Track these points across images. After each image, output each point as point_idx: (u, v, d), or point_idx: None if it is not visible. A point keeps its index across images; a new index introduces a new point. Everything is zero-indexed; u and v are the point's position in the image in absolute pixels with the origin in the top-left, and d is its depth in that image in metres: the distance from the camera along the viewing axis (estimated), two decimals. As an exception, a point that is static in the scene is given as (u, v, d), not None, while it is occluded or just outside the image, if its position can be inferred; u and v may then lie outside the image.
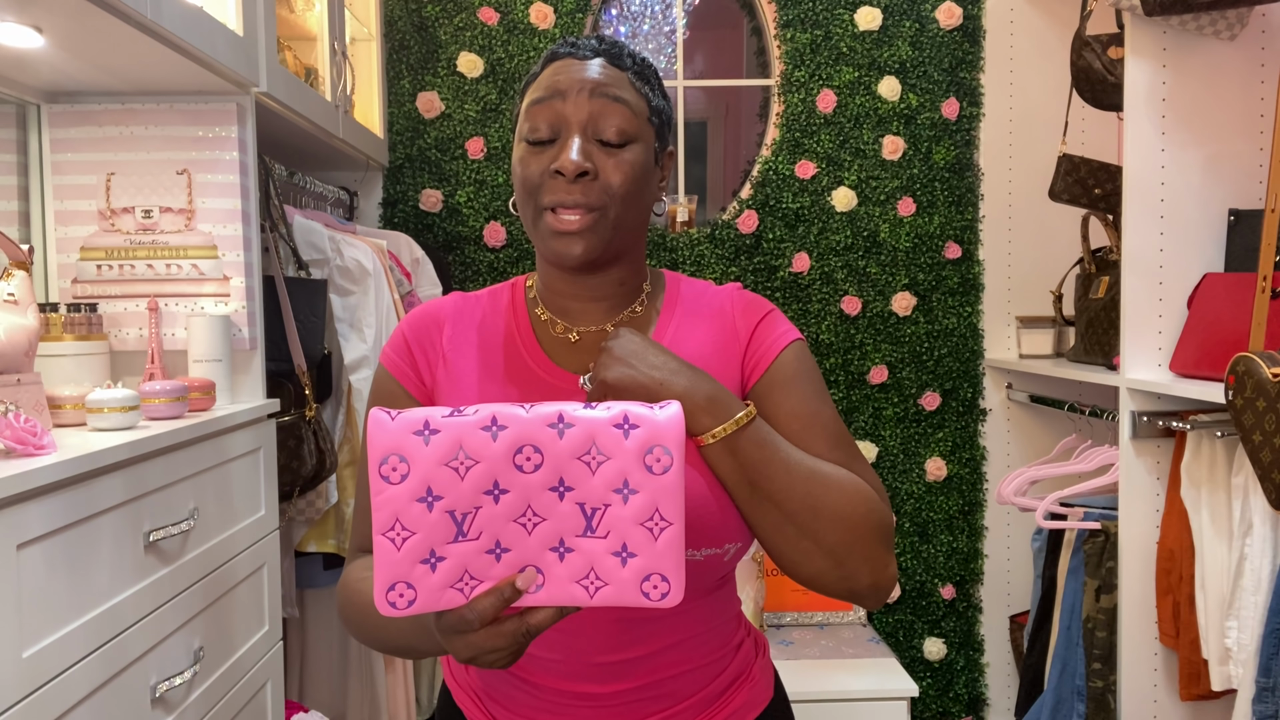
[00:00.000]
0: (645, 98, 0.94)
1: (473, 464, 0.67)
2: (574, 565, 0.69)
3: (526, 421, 0.68)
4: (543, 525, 0.68)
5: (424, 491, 0.67)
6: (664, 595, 0.69)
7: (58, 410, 1.28)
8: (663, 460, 0.68)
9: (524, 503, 0.68)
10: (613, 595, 0.69)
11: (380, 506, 0.67)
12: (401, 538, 0.67)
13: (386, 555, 0.67)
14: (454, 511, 0.67)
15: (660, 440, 0.68)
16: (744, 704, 0.99)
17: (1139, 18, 1.80)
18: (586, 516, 0.69)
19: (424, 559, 0.67)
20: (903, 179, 2.61)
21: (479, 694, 1.00)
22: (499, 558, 0.68)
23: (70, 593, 1.05)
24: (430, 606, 0.68)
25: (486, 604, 0.68)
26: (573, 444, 0.68)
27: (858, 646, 2.44)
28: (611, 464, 0.68)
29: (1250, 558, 1.60)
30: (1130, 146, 1.85)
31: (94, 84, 1.53)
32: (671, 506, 0.68)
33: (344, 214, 2.44)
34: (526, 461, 0.68)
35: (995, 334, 2.66)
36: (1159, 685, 1.89)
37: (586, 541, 0.69)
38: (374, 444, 0.67)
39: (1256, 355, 1.45)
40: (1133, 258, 1.85)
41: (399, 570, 0.67)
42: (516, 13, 2.56)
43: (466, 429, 0.67)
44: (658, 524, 0.68)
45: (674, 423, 0.69)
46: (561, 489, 0.68)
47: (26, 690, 0.96)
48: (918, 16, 2.59)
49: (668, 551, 0.69)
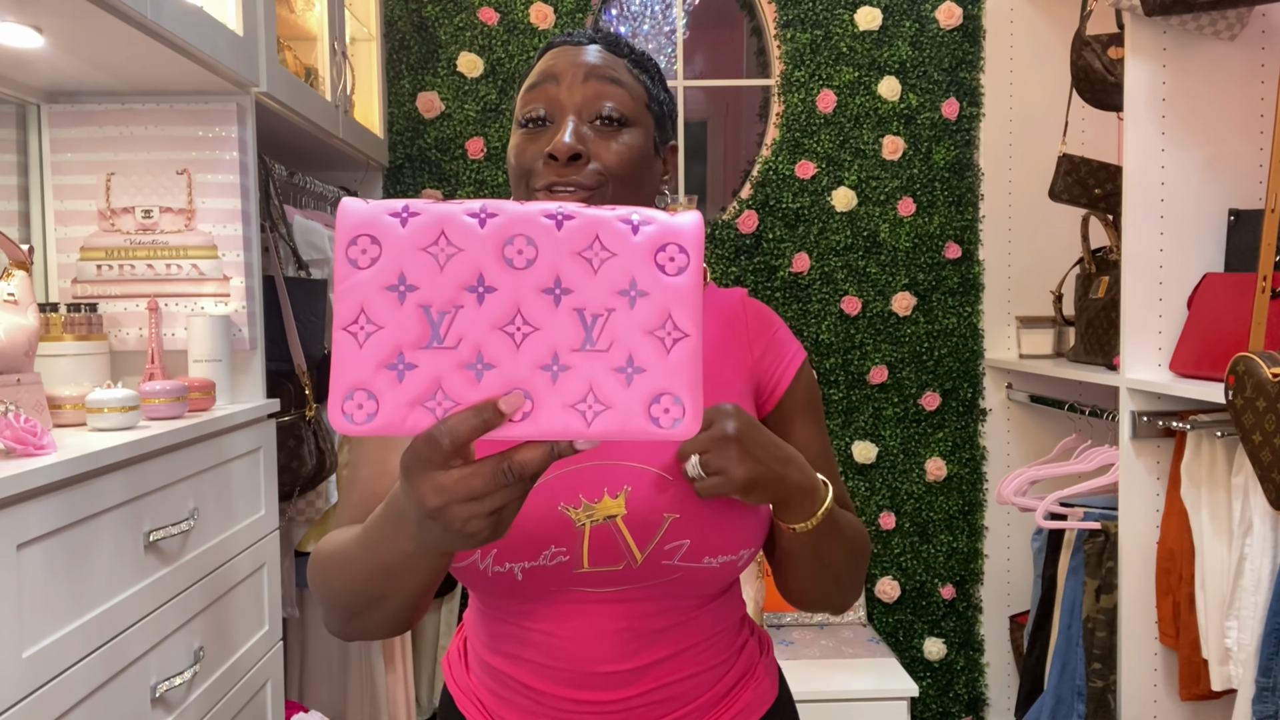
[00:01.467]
0: (643, 84, 0.92)
1: (455, 252, 0.57)
2: (569, 386, 0.58)
3: (521, 211, 0.59)
4: (534, 337, 0.58)
5: (396, 279, 0.57)
6: (676, 421, 0.58)
7: (58, 410, 1.28)
8: (678, 260, 0.59)
9: (513, 306, 0.58)
10: (614, 421, 0.58)
11: (343, 295, 0.57)
12: (365, 332, 0.57)
13: (346, 355, 0.57)
14: (429, 308, 0.57)
15: (674, 239, 0.59)
16: (749, 703, 0.98)
17: (1139, 18, 1.80)
18: (586, 325, 0.58)
19: (390, 364, 0.57)
20: (903, 179, 2.61)
21: (481, 699, 0.97)
22: (480, 375, 0.58)
23: (70, 593, 1.05)
24: (394, 426, 0.57)
25: (461, 424, 0.56)
26: (572, 237, 0.58)
27: (858, 646, 2.44)
28: (617, 262, 0.58)
29: (1250, 558, 1.60)
30: (1130, 146, 1.85)
31: (94, 84, 1.53)
32: (687, 314, 0.59)
33: (344, 214, 2.44)
34: (518, 255, 0.58)
35: (995, 334, 2.66)
36: (1159, 685, 1.89)
37: (585, 357, 0.58)
38: (342, 226, 0.58)
39: (1256, 355, 1.45)
40: (1133, 258, 1.85)
41: (360, 373, 0.57)
42: (516, 13, 2.56)
43: (450, 214, 0.58)
44: (670, 334, 0.58)
45: (692, 225, 0.60)
46: (558, 291, 0.58)
47: (26, 690, 0.96)
48: (918, 16, 2.59)
49: (681, 367, 0.58)
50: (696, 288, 0.59)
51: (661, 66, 2.92)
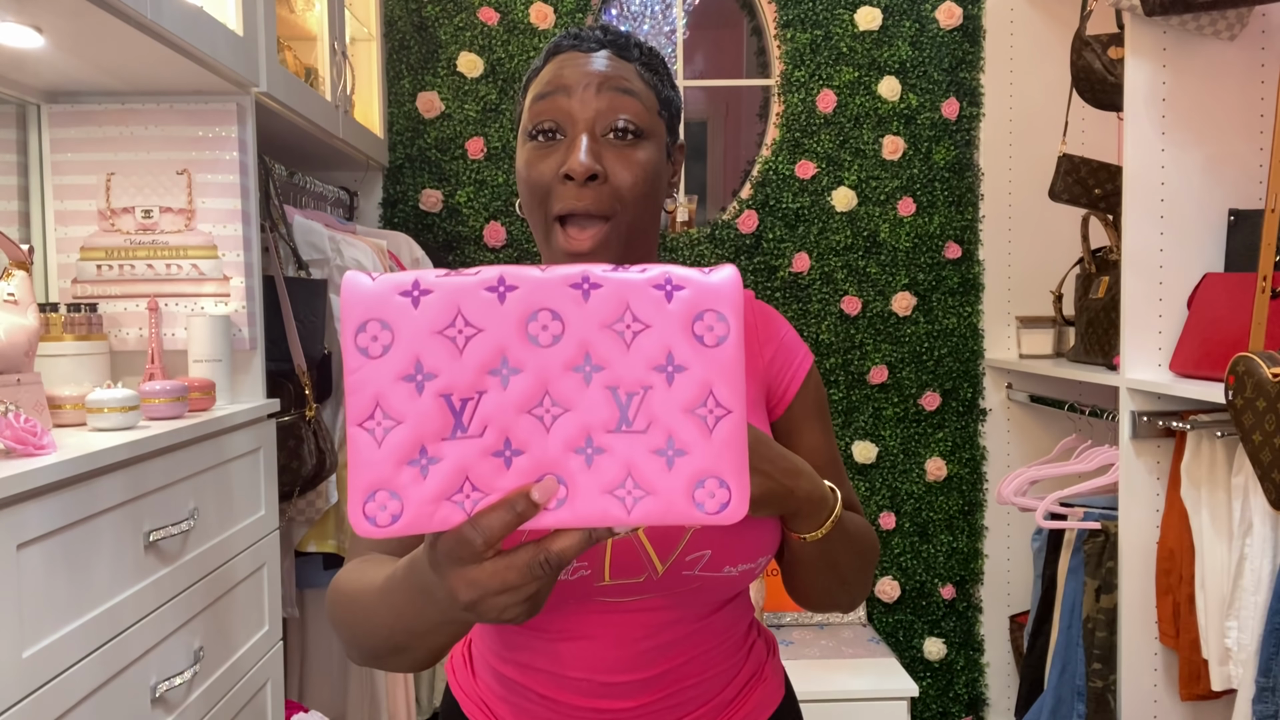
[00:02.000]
0: (654, 89, 0.90)
1: (475, 333, 0.53)
2: (606, 471, 0.54)
3: (542, 281, 0.54)
4: (565, 418, 0.54)
5: (412, 367, 0.53)
6: (724, 506, 0.54)
7: (58, 410, 1.28)
8: (716, 329, 0.54)
9: (540, 387, 0.54)
10: (657, 509, 0.54)
11: (356, 389, 0.53)
12: (383, 429, 0.53)
13: (364, 454, 0.53)
14: (450, 396, 0.53)
15: (712, 304, 0.54)
16: (757, 705, 0.98)
17: (1139, 18, 1.80)
18: (620, 405, 0.54)
19: (412, 459, 0.53)
20: (903, 179, 2.61)
21: (489, 704, 0.96)
22: (509, 462, 0.54)
23: (70, 593, 1.05)
24: (419, 525, 0.54)
25: (494, 519, 0.54)
26: (601, 308, 0.54)
27: (858, 646, 2.44)
28: (651, 334, 0.54)
29: (1250, 558, 1.60)
30: (1130, 146, 1.85)
31: (94, 84, 1.53)
32: (730, 388, 0.54)
33: (344, 214, 2.44)
34: (543, 331, 0.53)
35: (995, 334, 2.66)
36: (1159, 685, 1.89)
37: (621, 439, 0.54)
38: (349, 309, 0.53)
39: (1256, 355, 1.45)
40: (1133, 258, 1.85)
41: (380, 473, 0.53)
42: (516, 13, 2.56)
43: (467, 289, 0.53)
44: (713, 411, 0.54)
45: (729, 286, 0.55)
46: (588, 368, 0.54)
47: (26, 690, 0.96)
48: (918, 16, 2.59)
49: (726, 448, 0.54)
50: (739, 358, 0.55)
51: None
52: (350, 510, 0.54)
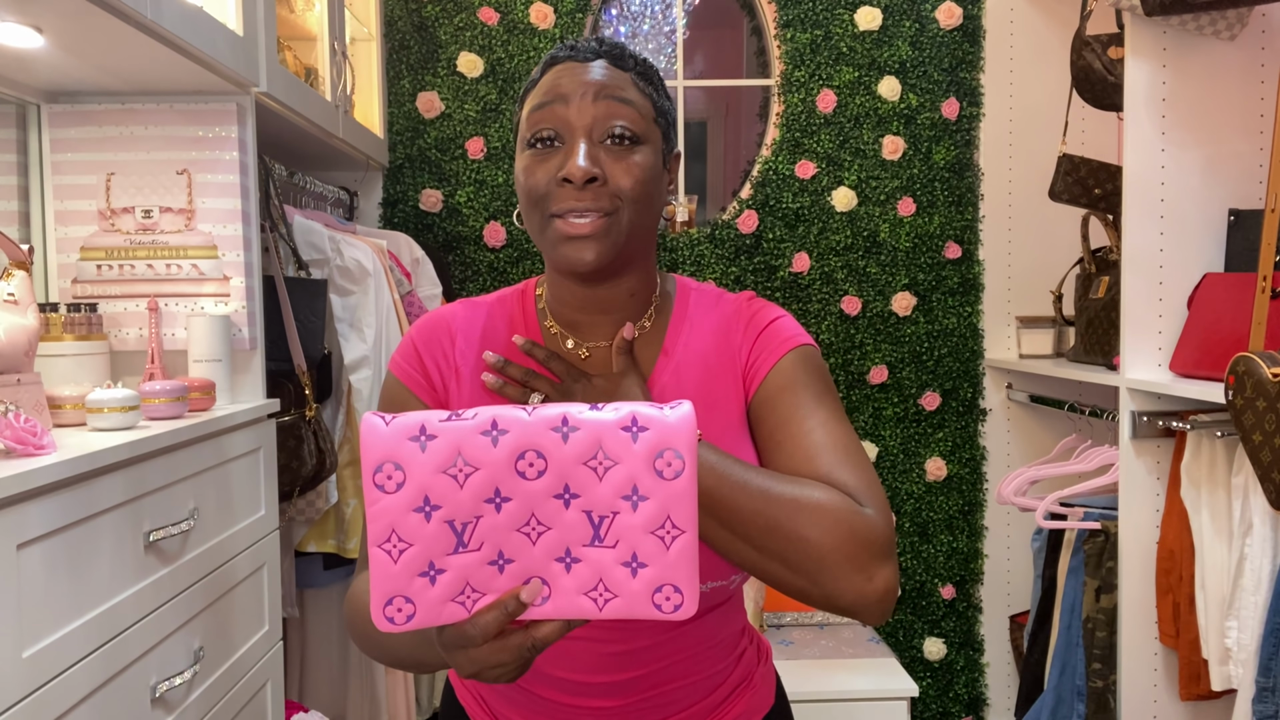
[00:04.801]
0: (650, 98, 0.91)
1: (472, 471, 0.63)
2: (581, 576, 0.65)
3: (528, 425, 0.64)
4: (548, 535, 0.65)
5: (421, 501, 0.63)
6: (677, 607, 0.65)
7: (58, 410, 1.28)
8: (674, 465, 0.64)
9: (527, 511, 0.64)
10: (623, 607, 0.65)
11: (376, 518, 0.63)
12: (398, 550, 0.64)
13: (383, 569, 0.64)
14: (453, 521, 0.64)
15: (670, 444, 0.64)
16: (744, 711, 0.99)
17: (1139, 18, 1.80)
18: (594, 525, 0.65)
19: (422, 572, 0.64)
20: (903, 179, 2.61)
21: (483, 696, 1.01)
22: (502, 569, 0.65)
23: (70, 593, 1.05)
24: (430, 621, 0.65)
25: (489, 619, 0.64)
26: (578, 449, 0.64)
27: (858, 646, 2.44)
28: (620, 469, 0.64)
29: (1250, 558, 1.60)
30: (1130, 146, 1.85)
31: (94, 84, 1.53)
32: (684, 513, 0.64)
33: (344, 214, 2.44)
34: (529, 468, 0.64)
35: (995, 334, 2.66)
36: (1159, 685, 1.89)
37: (594, 551, 0.65)
38: (368, 451, 0.63)
39: (1256, 355, 1.45)
40: (1133, 258, 1.85)
41: (396, 584, 0.64)
42: (516, 13, 2.56)
43: (465, 434, 0.63)
44: (669, 532, 0.65)
45: (685, 424, 0.64)
46: (567, 496, 0.64)
47: (26, 690, 0.96)
48: (918, 16, 2.59)
49: (680, 561, 0.65)
50: (691, 488, 0.64)
51: (661, 67, 2.93)
52: (373, 613, 0.64)
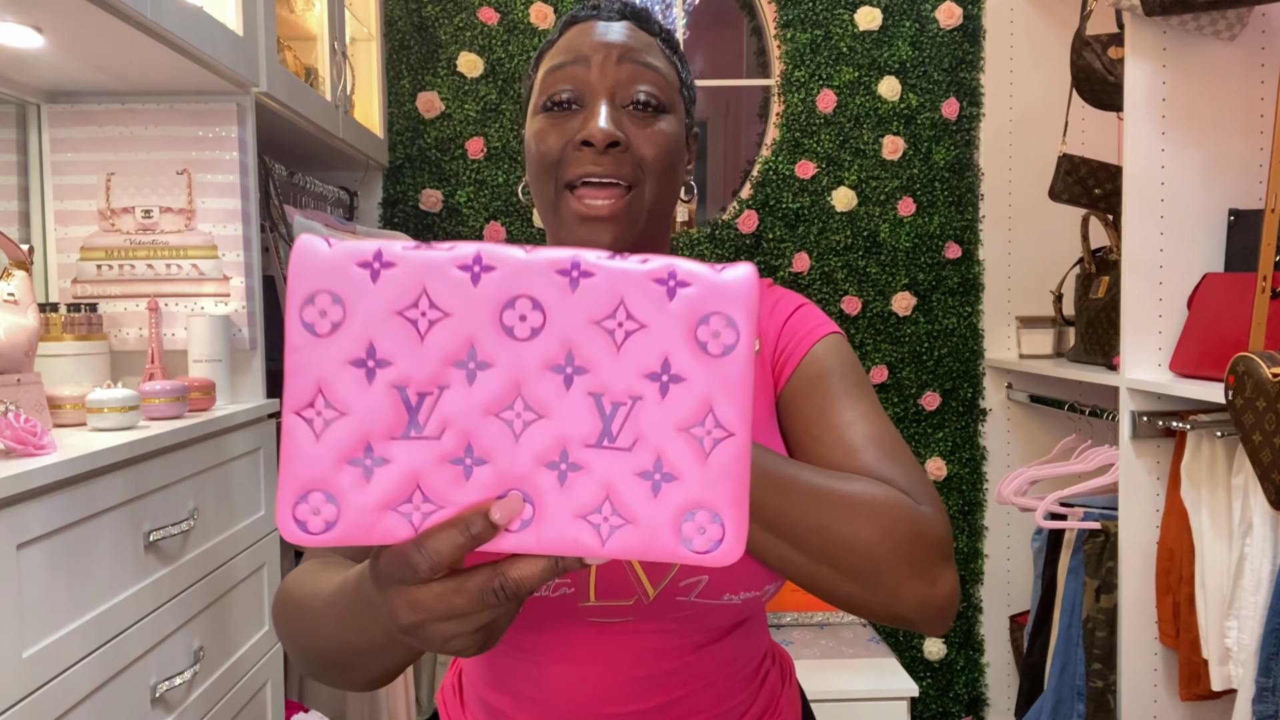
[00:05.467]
0: (675, 67, 0.84)
1: (440, 317, 0.46)
2: (581, 491, 0.47)
3: (524, 264, 0.46)
4: (538, 426, 0.46)
5: (364, 351, 0.45)
6: (715, 544, 0.46)
7: (58, 410, 1.28)
8: (724, 336, 0.46)
9: (512, 387, 0.46)
10: (637, 541, 0.47)
11: (297, 369, 0.45)
12: (324, 419, 0.45)
13: (300, 446, 0.45)
14: (406, 388, 0.46)
15: (721, 306, 0.46)
16: None
17: (1139, 18, 1.80)
18: (604, 416, 0.46)
19: (355, 458, 0.46)
20: (903, 179, 2.61)
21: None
22: (469, 472, 0.46)
23: (70, 593, 1.05)
24: (359, 535, 0.46)
25: (444, 541, 0.46)
26: (591, 301, 0.46)
27: (858, 646, 2.44)
28: (646, 336, 0.46)
29: (1250, 558, 1.60)
30: (1130, 146, 1.85)
31: (94, 84, 1.53)
32: (734, 407, 0.46)
33: (344, 214, 2.44)
34: (520, 322, 0.46)
35: (995, 334, 2.66)
36: (1159, 685, 1.89)
37: (602, 455, 0.46)
38: (298, 278, 0.45)
39: (1256, 355, 1.45)
40: (1133, 258, 1.85)
41: (317, 470, 0.45)
42: (516, 13, 2.56)
43: (436, 266, 0.46)
44: (710, 432, 0.46)
45: (744, 286, 0.46)
46: (569, 370, 0.46)
47: (26, 690, 0.96)
48: (918, 16, 2.59)
49: (725, 477, 0.46)
50: (747, 372, 0.46)
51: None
52: (278, 512, 0.46)
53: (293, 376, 0.45)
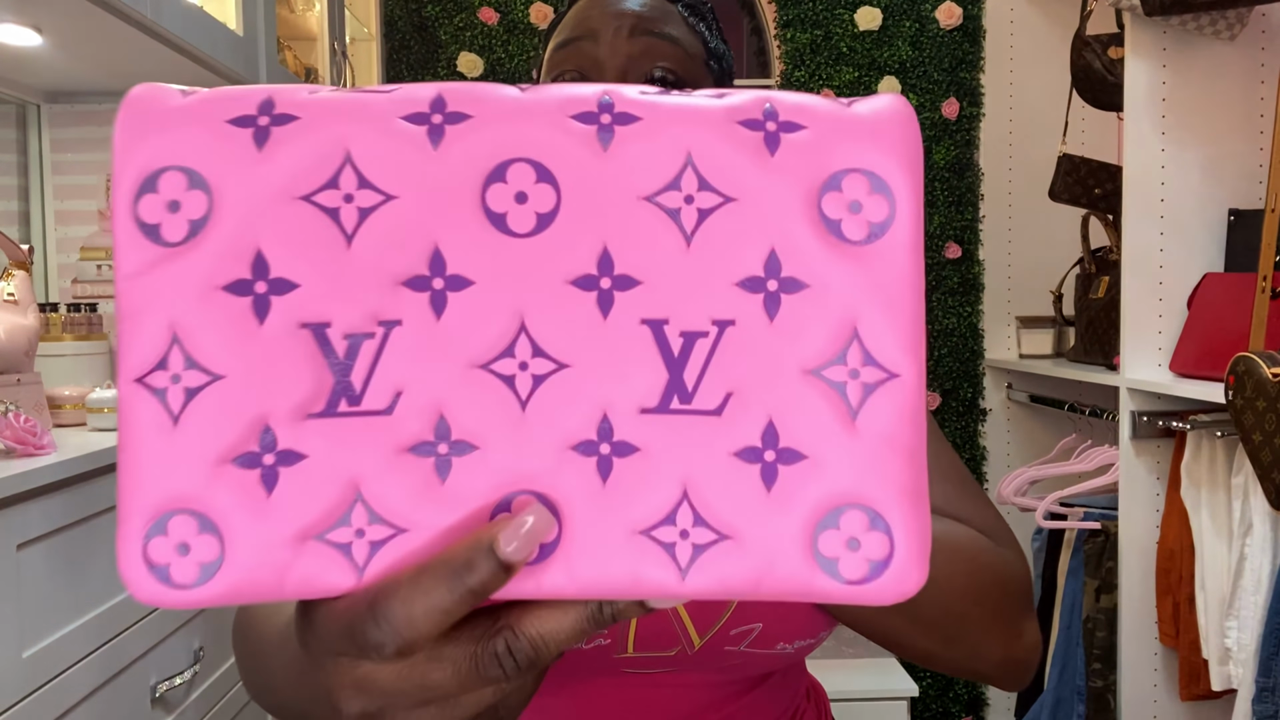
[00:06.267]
0: (700, 36, 0.73)
1: (378, 202, 0.28)
2: (638, 490, 0.28)
3: (520, 109, 0.30)
4: (558, 382, 0.28)
5: (246, 265, 0.28)
6: (880, 565, 0.28)
7: (58, 410, 1.28)
8: (870, 207, 0.28)
9: (510, 314, 0.28)
10: (740, 569, 0.28)
11: (135, 307, 0.28)
12: (185, 387, 0.27)
13: (146, 435, 0.27)
14: (326, 327, 0.28)
15: (861, 157, 0.29)
16: None
17: (1139, 18, 1.80)
18: (671, 356, 0.28)
19: (244, 451, 0.27)
20: (903, 179, 2.61)
21: None
22: (445, 466, 0.28)
23: (70, 593, 1.05)
24: (263, 586, 0.28)
25: (419, 602, 0.27)
26: (636, 164, 0.29)
27: (858, 646, 2.44)
28: (736, 215, 0.28)
29: (1250, 558, 1.60)
30: (1130, 146, 1.85)
31: (94, 84, 1.53)
32: (895, 328, 0.28)
33: (344, 214, 2.44)
34: (517, 205, 0.28)
35: (995, 334, 2.66)
36: (1159, 685, 1.89)
37: (671, 424, 0.28)
38: (128, 148, 0.28)
39: (1256, 355, 1.45)
40: (1133, 258, 1.85)
41: (178, 476, 0.27)
42: (516, 13, 2.56)
43: (367, 116, 0.30)
44: (859, 373, 0.28)
45: (896, 122, 0.29)
46: (606, 282, 0.28)
47: (26, 690, 0.96)
48: (918, 16, 2.59)
49: (889, 448, 0.28)
50: (912, 267, 0.29)
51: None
52: (120, 552, 0.28)
53: (128, 320, 0.28)
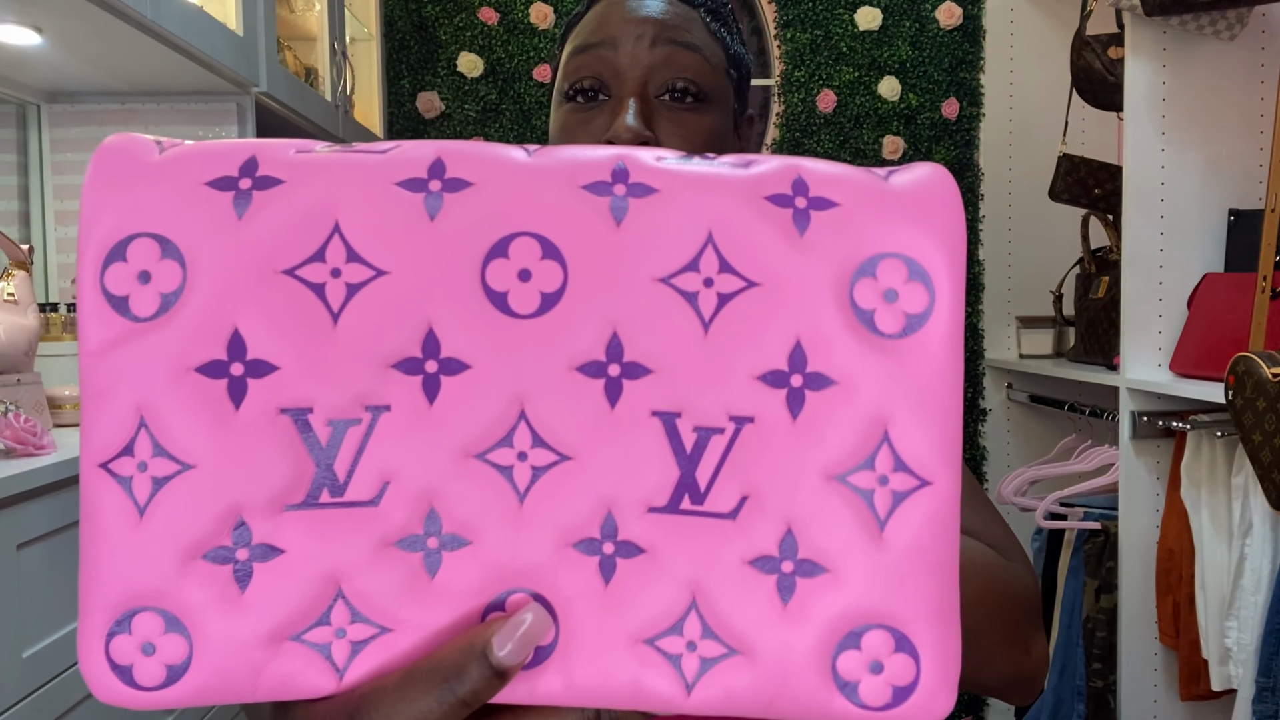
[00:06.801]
0: (722, 43, 0.71)
1: (369, 278, 0.26)
2: (643, 594, 0.26)
3: (525, 175, 0.27)
4: (560, 475, 0.26)
5: (221, 344, 0.26)
6: (905, 691, 0.26)
7: (58, 410, 1.28)
8: (906, 297, 0.26)
9: (509, 400, 0.26)
10: (749, 686, 0.26)
11: (102, 387, 0.26)
12: (152, 476, 0.26)
13: (110, 526, 0.26)
14: (307, 412, 0.26)
15: (897, 241, 0.27)
16: None
17: (1139, 18, 1.80)
18: (683, 452, 0.26)
19: (216, 546, 0.26)
20: (903, 179, 2.61)
21: None
22: (434, 562, 0.26)
23: (70, 593, 1.05)
24: (233, 688, 0.26)
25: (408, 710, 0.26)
26: (651, 241, 0.26)
27: (858, 646, 2.44)
28: (760, 302, 0.26)
29: (1250, 558, 1.60)
30: (1130, 146, 1.85)
31: (94, 84, 1.53)
32: (928, 431, 0.26)
33: (344, 214, 2.44)
34: (520, 284, 0.26)
35: (995, 334, 2.66)
36: (1159, 685, 1.89)
37: (681, 526, 0.26)
38: (96, 210, 0.26)
39: (1256, 355, 1.45)
40: (1133, 258, 1.85)
41: (145, 571, 0.26)
42: (516, 13, 2.56)
43: (359, 180, 0.27)
44: (888, 480, 0.26)
45: (936, 199, 0.28)
46: (615, 369, 0.26)
47: (26, 690, 0.96)
48: (918, 16, 2.59)
49: (919, 563, 0.26)
50: (950, 366, 0.27)
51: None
52: (80, 648, 0.26)
53: (92, 400, 0.26)
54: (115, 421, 0.26)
